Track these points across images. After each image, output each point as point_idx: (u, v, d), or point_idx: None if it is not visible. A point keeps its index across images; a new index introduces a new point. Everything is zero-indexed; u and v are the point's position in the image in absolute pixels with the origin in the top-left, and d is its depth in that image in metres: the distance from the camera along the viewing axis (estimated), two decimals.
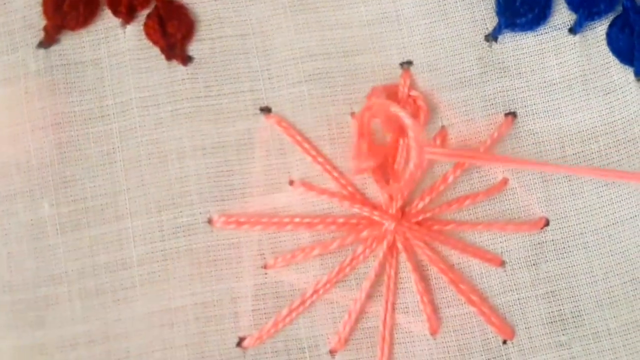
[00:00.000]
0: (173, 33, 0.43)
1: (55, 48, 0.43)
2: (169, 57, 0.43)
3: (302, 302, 0.42)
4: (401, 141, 0.42)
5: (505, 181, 0.42)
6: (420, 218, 0.42)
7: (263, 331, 0.41)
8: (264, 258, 0.42)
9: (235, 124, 0.43)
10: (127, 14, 0.43)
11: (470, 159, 0.42)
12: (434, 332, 0.42)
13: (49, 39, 0.43)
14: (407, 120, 0.39)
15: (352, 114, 0.43)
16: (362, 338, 0.42)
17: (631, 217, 0.42)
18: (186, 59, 0.43)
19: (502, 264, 0.42)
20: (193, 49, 0.43)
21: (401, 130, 0.41)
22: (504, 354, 0.41)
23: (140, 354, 0.41)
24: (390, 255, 0.42)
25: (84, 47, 0.43)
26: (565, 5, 0.44)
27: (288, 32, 0.43)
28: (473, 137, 0.43)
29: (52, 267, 0.42)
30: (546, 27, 0.44)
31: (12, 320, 0.41)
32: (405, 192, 0.42)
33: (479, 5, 0.44)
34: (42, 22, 0.43)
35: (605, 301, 0.42)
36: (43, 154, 0.42)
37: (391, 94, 0.42)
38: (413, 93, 0.43)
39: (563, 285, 0.42)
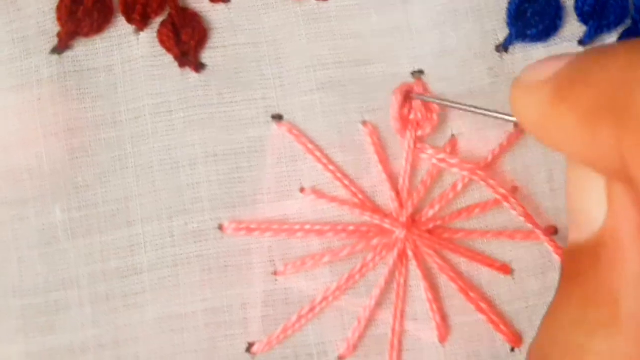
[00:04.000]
0: (187, 40, 0.43)
1: (68, 54, 0.43)
2: (182, 65, 0.43)
3: (312, 309, 0.42)
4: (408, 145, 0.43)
5: (515, 190, 0.43)
6: (430, 226, 0.42)
7: (272, 337, 0.42)
8: (274, 265, 0.42)
9: (247, 131, 0.43)
10: (140, 21, 0.43)
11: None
12: (443, 340, 0.42)
13: (62, 45, 0.43)
14: None
15: (364, 122, 0.43)
16: (371, 345, 0.42)
17: None
18: (199, 67, 0.43)
19: (511, 272, 0.42)
20: (206, 56, 0.43)
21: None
22: None
23: None
24: (401, 263, 0.42)
25: (98, 53, 0.43)
26: (575, 17, 0.44)
27: (300, 41, 0.44)
28: (483, 146, 0.43)
29: (62, 272, 0.42)
30: (556, 39, 0.44)
31: (22, 325, 0.42)
32: (416, 201, 0.42)
33: (490, 16, 0.44)
34: (56, 29, 0.43)
35: None
36: (55, 159, 0.42)
37: (407, 94, 0.43)
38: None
39: None
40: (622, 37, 0.44)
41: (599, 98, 0.27)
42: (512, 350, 0.42)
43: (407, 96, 0.43)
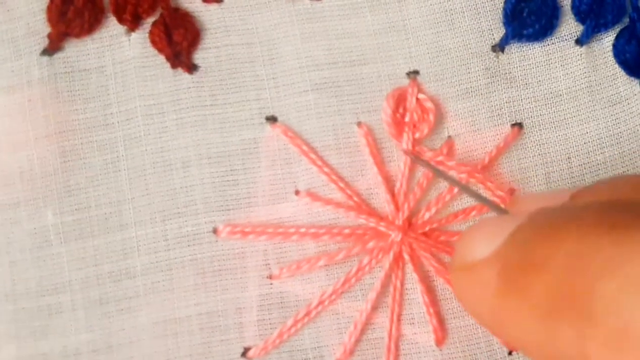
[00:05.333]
0: (179, 41, 0.42)
1: (59, 55, 0.43)
2: (174, 66, 0.43)
3: (308, 313, 0.41)
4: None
5: (512, 192, 0.42)
6: (426, 229, 0.42)
7: (268, 342, 0.41)
8: (269, 268, 0.42)
9: (241, 133, 0.42)
10: (132, 22, 0.43)
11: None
12: (439, 344, 0.41)
13: (53, 47, 0.42)
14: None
15: (359, 123, 0.43)
16: (367, 349, 0.42)
17: None
18: (192, 67, 0.43)
19: None
20: (198, 57, 0.43)
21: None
22: None
23: None
24: (397, 266, 0.42)
25: (89, 54, 0.43)
26: (572, 16, 0.44)
27: (295, 41, 0.43)
28: (479, 147, 0.43)
29: (55, 276, 0.41)
30: (553, 38, 0.44)
31: (15, 329, 0.41)
32: (412, 203, 0.42)
33: (486, 15, 0.44)
34: (46, 29, 0.42)
35: None
36: (46, 162, 0.42)
37: (400, 98, 0.42)
38: (420, 96, 0.43)
39: None
40: (619, 36, 0.43)
41: (555, 289, 0.24)
42: (510, 353, 0.42)
43: (400, 100, 0.42)
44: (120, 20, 0.43)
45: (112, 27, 0.43)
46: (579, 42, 0.43)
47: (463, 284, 0.29)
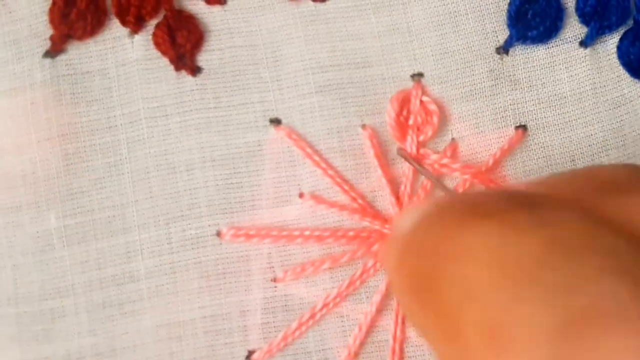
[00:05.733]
0: (182, 43, 0.42)
1: (61, 58, 0.42)
2: (177, 68, 0.42)
3: (312, 316, 0.41)
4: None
5: None
6: None
7: (272, 345, 0.41)
8: (274, 271, 0.42)
9: (245, 135, 0.42)
10: (135, 24, 0.42)
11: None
12: None
13: (55, 49, 0.42)
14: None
15: (363, 126, 0.42)
16: (372, 352, 0.41)
17: None
18: (195, 70, 0.42)
19: None
20: (202, 59, 0.43)
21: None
22: None
23: None
24: None
25: (91, 56, 0.43)
26: (576, 18, 0.44)
27: (298, 43, 0.43)
28: (483, 149, 0.43)
29: (58, 280, 0.41)
30: (557, 40, 0.44)
31: (17, 333, 0.41)
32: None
33: (490, 17, 0.44)
34: (49, 31, 0.42)
35: None
36: (49, 165, 0.42)
37: (404, 101, 0.42)
38: (424, 99, 0.43)
39: None
40: (623, 38, 0.43)
41: (422, 269, 0.26)
42: None
43: (404, 102, 0.42)
44: (123, 22, 0.43)
45: (114, 29, 0.43)
46: (583, 44, 0.43)
47: (382, 254, 0.31)
